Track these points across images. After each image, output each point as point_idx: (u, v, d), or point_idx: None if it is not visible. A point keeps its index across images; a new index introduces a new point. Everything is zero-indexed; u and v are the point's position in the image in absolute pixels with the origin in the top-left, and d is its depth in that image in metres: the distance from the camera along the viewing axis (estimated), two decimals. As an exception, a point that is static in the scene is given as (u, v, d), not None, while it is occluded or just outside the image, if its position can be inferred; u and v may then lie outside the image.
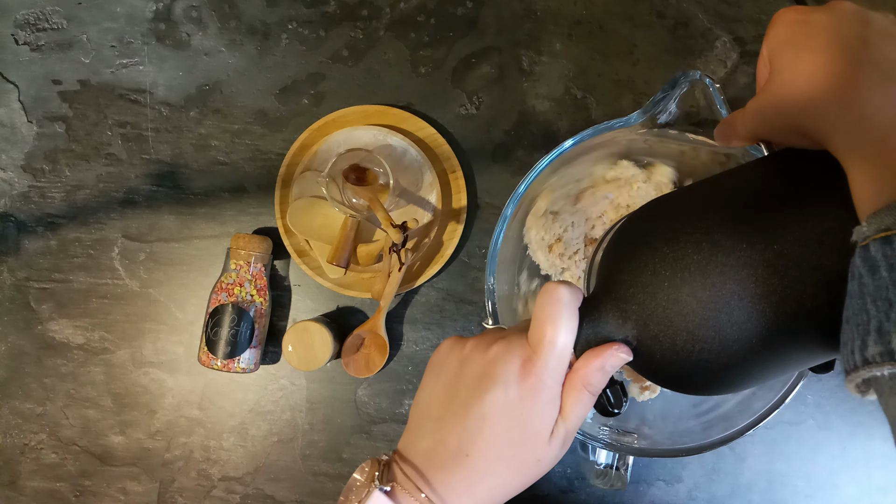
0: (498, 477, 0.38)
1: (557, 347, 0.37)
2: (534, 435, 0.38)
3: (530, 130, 0.67)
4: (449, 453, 0.38)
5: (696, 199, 0.37)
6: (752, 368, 0.35)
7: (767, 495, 0.65)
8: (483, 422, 0.37)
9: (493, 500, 0.38)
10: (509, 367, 0.37)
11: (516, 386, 0.37)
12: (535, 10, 0.66)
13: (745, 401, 0.54)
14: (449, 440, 0.38)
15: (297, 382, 0.68)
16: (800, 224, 0.32)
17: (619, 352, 0.37)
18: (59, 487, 0.69)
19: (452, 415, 0.38)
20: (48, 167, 0.69)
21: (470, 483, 0.38)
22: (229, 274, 0.64)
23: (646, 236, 0.37)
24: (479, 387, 0.38)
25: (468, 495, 0.38)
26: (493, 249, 0.55)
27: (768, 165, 0.37)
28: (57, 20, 0.69)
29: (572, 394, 0.38)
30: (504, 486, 0.38)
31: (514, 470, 0.38)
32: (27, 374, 0.69)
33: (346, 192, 0.63)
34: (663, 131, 0.54)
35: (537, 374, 0.37)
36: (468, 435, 0.38)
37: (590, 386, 0.38)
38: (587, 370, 0.37)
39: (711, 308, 0.33)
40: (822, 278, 0.32)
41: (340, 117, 0.66)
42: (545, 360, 0.37)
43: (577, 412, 0.38)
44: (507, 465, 0.38)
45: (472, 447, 0.37)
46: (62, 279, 0.69)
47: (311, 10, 0.68)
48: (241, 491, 0.68)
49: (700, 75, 0.50)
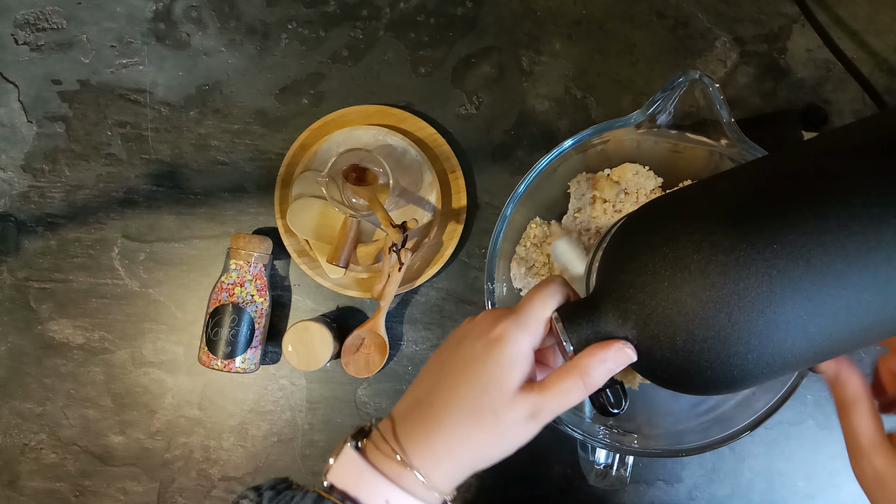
0: (455, 427, 0.38)
1: (532, 305, 0.38)
2: (493, 385, 0.37)
3: (530, 130, 0.67)
4: (416, 405, 0.40)
5: (696, 199, 0.38)
6: (753, 369, 0.35)
7: (767, 495, 0.65)
8: (449, 371, 0.39)
9: (451, 453, 0.38)
10: (484, 324, 0.39)
11: (484, 337, 0.39)
12: (535, 10, 0.66)
13: (745, 401, 0.54)
14: (419, 394, 0.40)
15: (297, 382, 0.68)
16: (798, 224, 0.32)
17: (625, 347, 0.36)
18: (59, 487, 0.69)
19: (431, 373, 0.40)
20: (48, 167, 0.69)
21: (429, 432, 0.38)
22: (229, 274, 0.64)
23: (646, 236, 0.37)
24: (457, 346, 0.40)
25: (426, 444, 0.38)
26: (492, 249, 0.55)
27: (767, 165, 0.37)
28: (57, 20, 0.69)
29: (563, 376, 0.37)
30: (461, 439, 0.38)
31: (472, 421, 0.38)
32: (27, 374, 0.69)
33: (346, 192, 0.63)
34: (663, 131, 0.54)
35: (505, 325, 0.38)
36: (435, 385, 0.39)
37: (586, 376, 0.37)
38: (589, 360, 0.37)
39: (711, 308, 0.33)
40: None
41: (340, 117, 0.66)
42: (516, 315, 0.38)
43: (560, 394, 0.37)
44: (465, 414, 0.38)
45: (434, 396, 0.39)
46: (62, 279, 0.69)
47: (311, 10, 0.68)
48: (241, 491, 0.68)
49: (700, 75, 0.50)
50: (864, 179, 0.32)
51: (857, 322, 0.33)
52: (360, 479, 0.38)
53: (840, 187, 0.32)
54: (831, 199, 0.32)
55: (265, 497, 0.40)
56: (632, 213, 0.41)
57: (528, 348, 0.38)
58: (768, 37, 0.64)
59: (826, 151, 0.35)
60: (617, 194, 0.60)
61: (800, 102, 0.64)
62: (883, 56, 0.64)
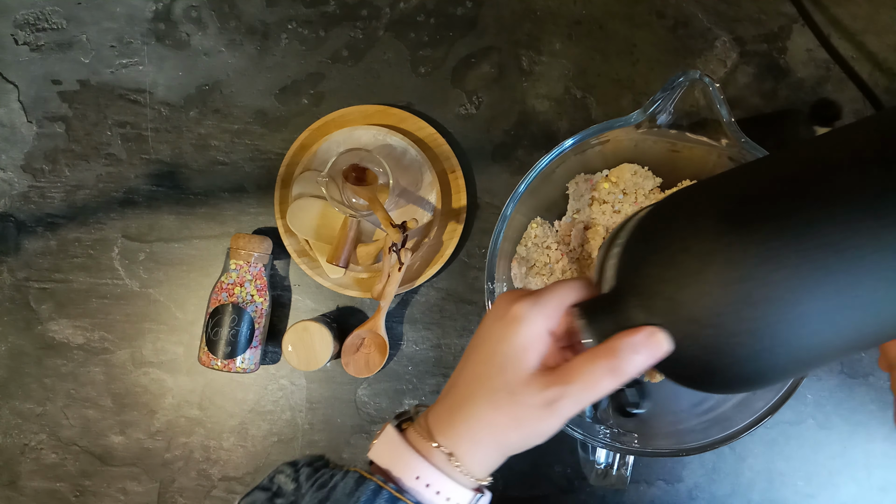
0: (474, 406, 0.38)
1: (553, 291, 0.38)
2: (509, 365, 0.37)
3: (530, 130, 0.67)
4: (447, 387, 0.41)
5: (723, 190, 0.36)
6: (781, 363, 0.34)
7: (767, 495, 0.65)
8: (471, 352, 0.40)
9: (470, 433, 0.38)
10: (503, 303, 0.39)
11: (503, 317, 0.38)
12: (535, 10, 0.66)
13: (745, 401, 0.54)
14: (452, 376, 0.41)
15: (297, 382, 0.68)
16: (829, 214, 0.32)
17: (658, 332, 0.34)
18: (59, 487, 0.69)
19: (463, 356, 0.41)
20: (48, 167, 0.69)
21: (451, 412, 0.39)
22: (229, 274, 0.64)
23: (672, 229, 0.35)
24: (480, 326, 0.40)
25: (450, 425, 0.38)
26: (493, 249, 0.55)
27: (792, 156, 0.36)
28: (57, 20, 0.69)
29: (587, 362, 0.35)
30: (479, 419, 0.38)
31: (488, 401, 0.37)
32: (27, 374, 0.69)
33: (346, 192, 0.63)
34: (663, 131, 0.54)
35: (522, 305, 0.38)
36: (461, 367, 0.40)
37: (615, 359, 0.34)
38: (618, 342, 0.34)
39: (742, 301, 0.32)
40: None
41: (340, 117, 0.66)
42: (535, 296, 0.38)
43: (582, 381, 0.35)
44: (482, 393, 0.38)
45: (458, 377, 0.40)
46: (62, 279, 0.69)
47: (311, 10, 0.68)
48: (241, 491, 0.68)
49: (700, 75, 0.50)
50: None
51: (887, 315, 0.33)
52: (398, 458, 0.39)
53: (872, 178, 0.31)
54: (864, 190, 0.32)
55: (302, 473, 0.41)
56: (655, 205, 0.40)
57: (543, 330, 0.37)
58: (768, 37, 0.64)
59: (846, 145, 0.34)
60: (616, 196, 0.60)
61: (800, 102, 0.65)
62: (883, 56, 0.64)
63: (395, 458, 0.39)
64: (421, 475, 0.38)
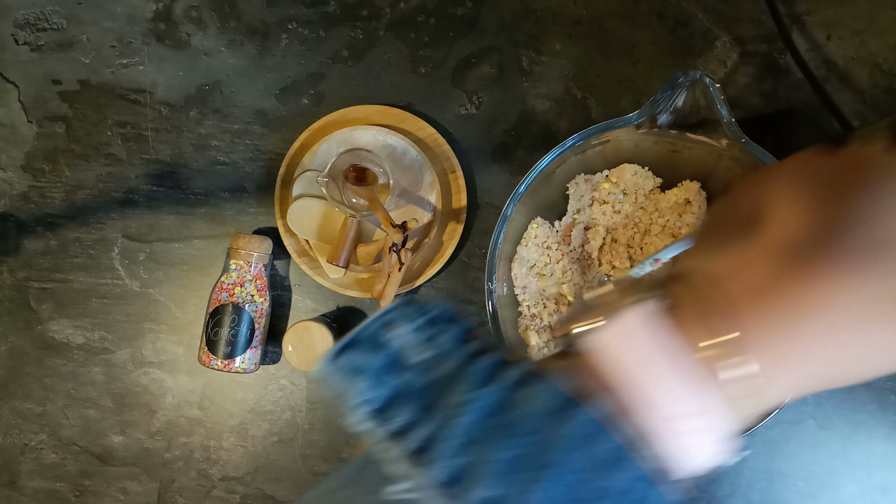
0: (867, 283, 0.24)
1: None
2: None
3: (530, 130, 0.67)
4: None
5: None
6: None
7: (767, 495, 0.65)
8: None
9: (824, 332, 0.24)
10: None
11: None
12: (535, 10, 0.66)
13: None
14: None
15: (297, 382, 0.68)
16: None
17: None
18: (59, 487, 0.69)
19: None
20: (48, 167, 0.69)
21: (803, 285, 0.24)
22: (229, 274, 0.64)
23: None
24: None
25: (790, 307, 0.23)
26: (493, 249, 0.55)
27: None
28: (57, 20, 0.69)
29: None
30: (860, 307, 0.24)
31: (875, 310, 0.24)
32: (27, 374, 0.69)
33: (346, 192, 0.63)
34: (663, 131, 0.54)
35: None
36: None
37: None
38: None
39: None
40: None
41: (340, 117, 0.66)
42: None
43: None
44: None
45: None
46: (62, 279, 0.69)
47: (311, 10, 0.68)
48: (241, 491, 0.68)
49: (700, 75, 0.50)
50: None
51: None
52: (655, 369, 0.23)
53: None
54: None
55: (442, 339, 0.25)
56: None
57: None
58: (768, 37, 0.64)
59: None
60: (616, 196, 0.60)
61: (800, 102, 0.65)
62: (883, 56, 0.64)
63: (649, 367, 0.22)
64: (694, 410, 0.21)
